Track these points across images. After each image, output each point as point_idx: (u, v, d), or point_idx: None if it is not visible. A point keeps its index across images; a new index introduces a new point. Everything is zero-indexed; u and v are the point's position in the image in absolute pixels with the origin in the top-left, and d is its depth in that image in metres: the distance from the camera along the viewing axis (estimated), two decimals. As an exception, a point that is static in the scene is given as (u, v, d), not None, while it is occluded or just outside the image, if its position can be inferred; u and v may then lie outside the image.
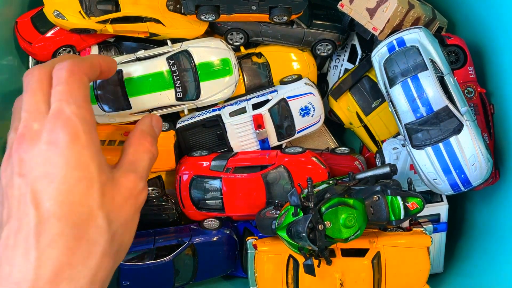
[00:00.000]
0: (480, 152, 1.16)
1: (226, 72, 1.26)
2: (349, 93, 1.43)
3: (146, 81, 1.17)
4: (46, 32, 1.33)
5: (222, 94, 1.30)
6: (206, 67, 1.23)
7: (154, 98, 1.19)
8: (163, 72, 1.20)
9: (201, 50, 1.24)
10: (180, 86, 1.15)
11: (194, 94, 1.24)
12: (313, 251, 1.11)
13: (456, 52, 1.35)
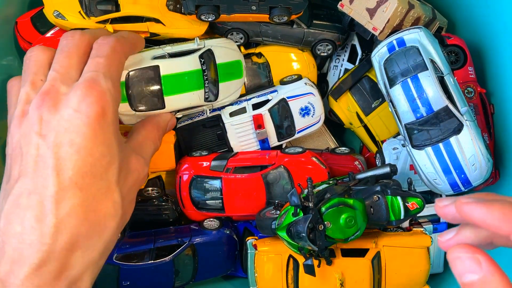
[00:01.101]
0: (480, 152, 1.16)
1: (238, 74, 1.25)
2: (349, 93, 1.43)
3: (182, 80, 1.10)
4: (46, 32, 1.33)
5: (233, 96, 1.28)
6: (224, 68, 1.19)
7: (188, 98, 1.12)
8: (197, 70, 1.13)
9: (221, 51, 1.21)
10: (208, 86, 1.12)
11: (215, 95, 1.21)
12: (313, 251, 1.11)
13: (456, 52, 1.35)
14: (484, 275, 0.45)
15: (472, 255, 0.46)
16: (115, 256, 1.21)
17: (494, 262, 0.46)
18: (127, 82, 0.99)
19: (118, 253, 1.22)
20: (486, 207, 0.49)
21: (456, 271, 0.47)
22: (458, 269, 0.47)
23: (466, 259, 0.46)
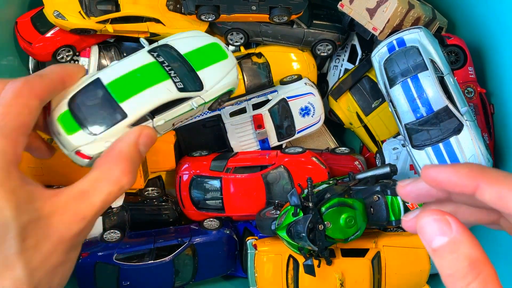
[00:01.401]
0: (480, 152, 1.16)
1: (220, 56, 1.04)
2: (349, 93, 1.43)
3: (134, 78, 0.87)
4: (46, 32, 1.33)
5: (227, 79, 1.05)
6: (195, 56, 1.01)
7: (153, 93, 0.88)
8: (150, 63, 0.90)
9: (182, 42, 1.02)
10: (176, 76, 0.90)
11: (196, 85, 0.98)
12: (313, 251, 1.11)
13: (456, 52, 1.35)
14: (455, 236, 0.43)
15: (441, 216, 0.44)
16: (115, 256, 1.21)
17: (461, 223, 0.45)
18: (71, 109, 0.78)
19: (118, 253, 1.22)
20: (452, 167, 0.49)
21: (426, 237, 0.45)
22: (428, 234, 0.45)
23: (434, 222, 0.44)
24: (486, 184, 0.46)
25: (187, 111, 0.87)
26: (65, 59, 1.36)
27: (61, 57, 1.35)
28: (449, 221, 0.44)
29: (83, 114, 0.77)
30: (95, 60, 1.40)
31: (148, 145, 0.68)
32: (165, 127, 0.86)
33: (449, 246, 0.43)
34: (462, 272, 0.42)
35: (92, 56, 1.39)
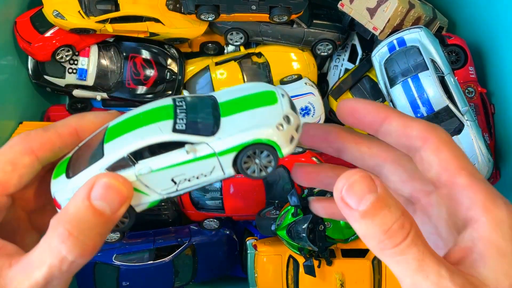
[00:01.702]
0: (481, 152, 1.15)
1: (265, 102, 0.60)
2: (350, 93, 1.43)
3: (135, 120, 0.61)
4: (45, 32, 1.32)
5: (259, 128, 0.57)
6: (233, 103, 0.61)
7: (140, 133, 0.58)
8: (163, 106, 0.61)
9: (230, 91, 0.62)
10: (184, 118, 0.58)
11: (207, 129, 0.57)
12: (313, 252, 1.10)
13: (456, 52, 1.35)
14: (381, 191, 0.41)
15: (364, 173, 0.42)
16: (114, 257, 1.21)
17: None
18: (72, 155, 0.59)
19: (118, 253, 1.22)
20: (360, 99, 0.52)
21: (355, 199, 0.41)
22: (357, 195, 0.41)
23: (360, 181, 0.41)
24: (395, 115, 0.49)
25: (184, 161, 0.55)
26: (64, 59, 1.36)
27: (60, 56, 1.35)
28: (372, 177, 0.42)
29: (75, 158, 0.59)
30: (95, 59, 1.39)
31: (111, 199, 0.48)
32: (158, 182, 0.55)
33: (379, 202, 0.41)
34: (397, 225, 0.40)
35: (91, 55, 1.39)
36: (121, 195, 0.48)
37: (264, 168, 0.52)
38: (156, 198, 0.53)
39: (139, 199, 0.52)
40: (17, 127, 1.31)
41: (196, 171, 0.53)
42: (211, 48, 1.52)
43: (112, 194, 0.47)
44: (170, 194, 0.54)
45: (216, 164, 0.52)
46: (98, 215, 0.46)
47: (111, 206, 0.46)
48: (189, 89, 1.48)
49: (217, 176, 0.53)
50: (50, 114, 1.47)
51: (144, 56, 1.42)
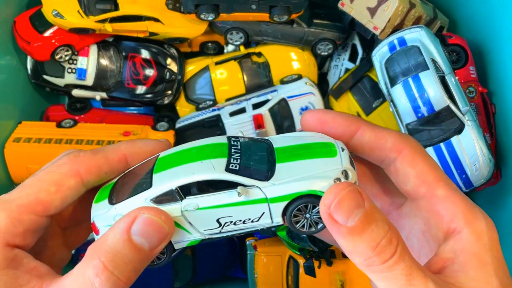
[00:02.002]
0: (482, 152, 1.15)
1: (323, 154, 0.58)
2: (350, 92, 1.42)
3: (187, 154, 0.59)
4: (44, 32, 1.32)
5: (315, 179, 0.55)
6: (288, 150, 0.59)
7: (191, 168, 0.56)
8: (218, 144, 0.60)
9: (286, 137, 0.61)
10: (238, 158, 0.56)
11: (262, 173, 0.56)
12: (313, 252, 1.10)
13: (457, 51, 1.34)
14: (368, 205, 0.40)
15: (352, 187, 0.41)
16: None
17: None
18: (117, 181, 0.58)
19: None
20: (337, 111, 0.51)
21: (343, 216, 0.39)
22: (342, 214, 0.39)
23: (348, 197, 0.40)
24: (367, 127, 0.48)
25: (234, 203, 0.52)
26: (63, 59, 1.36)
27: (59, 56, 1.35)
28: (359, 190, 0.41)
29: (120, 184, 0.56)
30: (94, 59, 1.39)
31: (151, 236, 0.45)
32: (203, 220, 0.52)
33: (367, 218, 0.40)
34: (385, 240, 0.39)
35: (91, 55, 1.39)
36: (162, 233, 0.45)
37: (314, 224, 0.49)
38: (198, 237, 0.50)
39: (180, 236, 0.50)
40: (16, 127, 1.31)
41: (244, 215, 0.50)
42: (211, 48, 1.51)
43: (152, 231, 0.45)
44: (212, 235, 0.51)
45: (266, 210, 0.49)
46: (135, 251, 0.44)
47: (150, 243, 0.44)
48: (188, 89, 1.48)
49: (264, 223, 0.50)
50: (49, 114, 1.46)
51: (143, 55, 1.42)
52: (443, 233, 0.45)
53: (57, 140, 1.28)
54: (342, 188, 0.41)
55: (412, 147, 0.47)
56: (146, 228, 0.44)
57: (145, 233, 0.44)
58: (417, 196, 0.47)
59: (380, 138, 0.48)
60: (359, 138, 0.48)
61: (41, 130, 1.31)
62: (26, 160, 1.25)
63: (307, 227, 0.49)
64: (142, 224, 0.44)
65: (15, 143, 1.26)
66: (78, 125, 1.34)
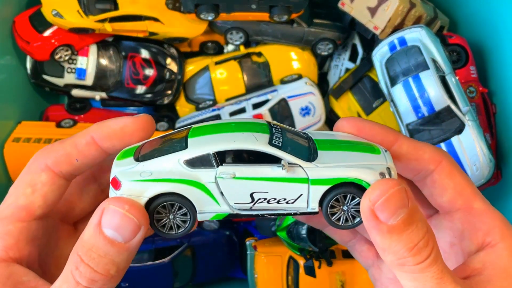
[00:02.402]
0: (482, 152, 1.15)
1: (368, 149, 0.62)
2: (350, 92, 1.42)
3: (227, 126, 0.55)
4: (44, 31, 1.32)
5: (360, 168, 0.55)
6: (330, 142, 0.59)
7: (232, 137, 0.53)
8: (258, 123, 0.59)
9: (326, 134, 0.56)
10: (279, 137, 0.54)
11: (305, 154, 0.54)
12: (313, 252, 1.10)
13: (457, 51, 1.34)
14: (411, 205, 0.39)
15: (400, 186, 0.40)
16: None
17: None
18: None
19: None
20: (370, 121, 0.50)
21: (384, 214, 0.38)
22: (386, 212, 0.38)
23: (396, 195, 0.39)
24: (404, 138, 0.48)
25: (273, 178, 0.48)
26: (63, 59, 1.35)
27: (59, 56, 1.34)
28: (405, 189, 0.40)
29: (147, 146, 0.51)
30: (94, 59, 1.39)
31: (122, 228, 0.42)
32: (235, 192, 0.48)
33: (409, 218, 0.39)
34: (423, 242, 0.39)
35: (90, 55, 1.38)
36: (132, 224, 0.42)
37: (351, 218, 0.46)
38: (226, 211, 0.47)
39: (207, 205, 0.47)
40: (16, 127, 1.31)
41: (281, 193, 0.47)
42: (211, 48, 1.51)
43: (122, 223, 0.42)
44: (241, 211, 0.48)
45: (304, 192, 0.47)
46: (109, 244, 0.42)
47: (123, 236, 0.42)
48: (188, 89, 1.47)
49: (298, 207, 0.47)
50: (49, 113, 1.46)
51: (143, 55, 1.42)
52: (476, 245, 0.45)
53: (56, 140, 1.27)
54: (390, 186, 0.40)
55: (449, 160, 0.48)
56: (114, 221, 0.42)
57: (114, 225, 0.42)
58: (453, 208, 0.47)
59: (418, 149, 0.48)
60: (397, 148, 0.48)
61: (40, 130, 1.31)
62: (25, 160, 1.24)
63: (343, 221, 0.46)
64: (110, 216, 0.42)
65: (15, 143, 1.26)
66: (78, 125, 1.34)
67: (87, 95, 1.43)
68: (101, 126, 0.50)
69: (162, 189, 0.45)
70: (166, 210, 0.46)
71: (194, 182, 0.46)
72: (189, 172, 0.46)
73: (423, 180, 0.49)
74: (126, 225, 0.42)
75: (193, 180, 0.46)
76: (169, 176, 0.46)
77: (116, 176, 0.47)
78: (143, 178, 0.45)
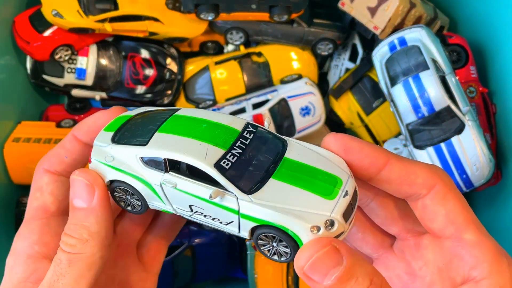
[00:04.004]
0: (482, 152, 1.14)
1: (322, 191, 0.49)
2: (350, 92, 1.42)
3: (195, 125, 0.54)
4: (44, 31, 1.31)
5: (294, 217, 0.48)
6: (296, 168, 0.51)
7: (184, 144, 0.52)
8: (230, 128, 0.53)
9: (301, 150, 0.54)
10: (237, 156, 0.52)
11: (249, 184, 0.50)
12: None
13: (457, 51, 1.34)
14: (348, 262, 0.38)
15: (328, 247, 0.39)
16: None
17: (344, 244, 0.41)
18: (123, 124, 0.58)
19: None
20: (362, 141, 0.47)
21: (319, 274, 0.38)
22: (317, 274, 0.38)
23: (324, 258, 0.39)
24: (396, 161, 0.45)
25: (207, 200, 0.48)
26: (63, 59, 1.35)
27: (59, 56, 1.34)
28: (336, 247, 0.39)
29: (132, 123, 0.56)
30: (94, 59, 1.39)
31: (81, 193, 0.49)
32: (176, 199, 0.50)
33: (345, 275, 0.38)
34: None
35: (90, 55, 1.38)
36: (88, 187, 0.49)
37: (278, 254, 0.46)
38: (169, 210, 0.51)
39: (154, 200, 0.51)
40: (16, 127, 1.31)
41: (214, 214, 0.48)
42: (211, 48, 1.51)
43: (80, 189, 0.49)
44: (182, 215, 0.51)
45: (235, 220, 0.47)
46: (77, 211, 0.49)
47: (83, 199, 0.49)
48: (188, 89, 1.47)
49: (231, 230, 0.49)
50: (49, 113, 1.46)
51: (143, 55, 1.42)
52: (462, 278, 0.44)
53: (56, 140, 1.27)
54: (319, 247, 0.39)
55: (444, 183, 0.45)
56: (75, 189, 0.50)
57: (76, 193, 0.49)
58: (443, 235, 0.45)
59: (410, 173, 0.45)
60: (387, 173, 0.45)
61: (40, 130, 1.31)
62: (25, 160, 1.25)
63: (271, 254, 0.46)
64: (73, 187, 0.50)
65: (15, 143, 1.26)
66: (78, 125, 1.34)
67: (87, 95, 1.43)
68: (79, 124, 0.57)
69: (116, 177, 0.51)
70: (124, 191, 0.52)
71: (143, 180, 0.50)
72: (141, 169, 0.50)
73: (415, 201, 0.46)
74: (82, 190, 0.49)
75: (143, 179, 0.50)
76: (124, 168, 0.50)
77: (92, 152, 0.53)
78: (105, 162, 0.51)
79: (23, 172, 1.27)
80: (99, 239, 0.48)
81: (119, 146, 0.51)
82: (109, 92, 1.41)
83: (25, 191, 1.33)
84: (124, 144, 0.51)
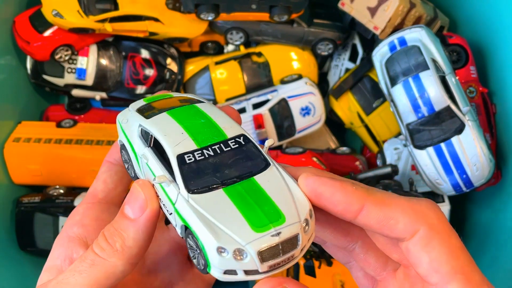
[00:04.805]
0: (482, 152, 1.14)
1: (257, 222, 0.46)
2: (350, 92, 1.42)
3: (196, 118, 0.55)
4: (44, 31, 1.32)
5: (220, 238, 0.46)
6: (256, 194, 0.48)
7: (172, 134, 0.53)
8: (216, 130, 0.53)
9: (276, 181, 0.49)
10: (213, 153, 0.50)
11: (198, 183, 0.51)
12: (313, 252, 1.10)
13: (457, 51, 1.34)
14: None
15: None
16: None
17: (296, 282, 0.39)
18: None
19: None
20: (336, 181, 0.42)
21: None
22: None
23: None
24: (372, 205, 0.41)
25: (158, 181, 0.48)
26: (63, 59, 1.35)
27: (59, 56, 1.34)
28: None
29: (153, 103, 0.58)
30: (94, 59, 1.39)
31: (132, 203, 0.48)
32: (146, 172, 0.52)
33: None
34: None
35: (90, 55, 1.38)
36: (141, 201, 0.48)
37: (197, 261, 0.44)
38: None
39: (138, 170, 0.54)
40: (16, 127, 1.31)
41: (162, 198, 0.48)
42: (211, 48, 1.51)
43: (134, 199, 0.48)
44: None
45: (174, 213, 0.46)
46: (123, 217, 0.48)
47: (133, 210, 0.48)
48: (188, 89, 1.48)
49: (173, 223, 0.48)
50: (49, 114, 1.46)
51: (143, 55, 1.42)
52: None
53: (56, 140, 1.27)
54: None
55: (430, 227, 0.41)
56: (130, 197, 0.49)
57: (128, 201, 0.48)
58: (428, 282, 0.42)
59: (389, 218, 0.41)
60: (363, 219, 0.42)
61: (40, 130, 1.31)
62: (25, 160, 1.25)
63: (193, 257, 0.45)
64: (129, 193, 0.49)
65: (15, 143, 1.26)
66: (78, 125, 1.34)
67: (87, 95, 1.43)
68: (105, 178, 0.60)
69: (122, 138, 0.56)
70: None
71: (133, 148, 0.53)
72: (136, 138, 0.53)
73: (401, 242, 0.43)
74: (136, 202, 0.48)
75: (133, 146, 0.53)
76: (127, 132, 0.54)
77: (122, 111, 0.58)
78: (121, 123, 0.56)
79: (23, 172, 1.27)
80: (129, 254, 0.46)
81: (135, 114, 0.54)
82: (109, 92, 1.41)
83: (25, 191, 1.33)
84: (139, 113, 0.54)
